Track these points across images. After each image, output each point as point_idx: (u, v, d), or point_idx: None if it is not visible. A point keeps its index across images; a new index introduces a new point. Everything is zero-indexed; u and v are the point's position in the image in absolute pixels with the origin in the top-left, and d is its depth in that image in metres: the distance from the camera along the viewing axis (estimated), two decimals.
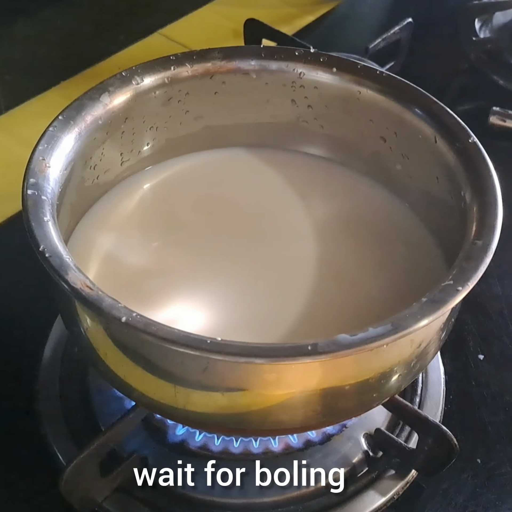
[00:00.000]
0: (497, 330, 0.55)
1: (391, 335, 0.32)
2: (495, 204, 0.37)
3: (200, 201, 0.47)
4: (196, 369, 0.34)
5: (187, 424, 0.44)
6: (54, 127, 0.40)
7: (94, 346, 0.38)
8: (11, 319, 0.54)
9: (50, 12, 0.70)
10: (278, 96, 0.47)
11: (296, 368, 0.34)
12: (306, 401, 0.36)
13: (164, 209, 0.46)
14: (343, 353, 0.31)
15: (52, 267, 0.33)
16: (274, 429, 0.39)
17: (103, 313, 0.32)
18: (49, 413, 0.48)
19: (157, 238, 0.45)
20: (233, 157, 0.49)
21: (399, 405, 0.44)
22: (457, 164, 0.40)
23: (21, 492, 0.45)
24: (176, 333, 0.32)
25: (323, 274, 0.43)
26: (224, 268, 0.43)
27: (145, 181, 0.48)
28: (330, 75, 0.45)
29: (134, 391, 0.38)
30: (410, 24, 0.72)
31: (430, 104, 0.43)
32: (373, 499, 0.45)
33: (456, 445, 0.42)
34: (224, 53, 0.45)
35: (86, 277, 0.33)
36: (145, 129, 0.46)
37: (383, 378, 0.37)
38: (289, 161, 0.49)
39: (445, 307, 0.33)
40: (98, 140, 0.43)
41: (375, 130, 0.46)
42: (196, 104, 0.47)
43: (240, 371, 0.34)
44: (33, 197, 0.36)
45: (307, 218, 0.46)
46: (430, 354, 0.40)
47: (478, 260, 0.35)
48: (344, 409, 0.38)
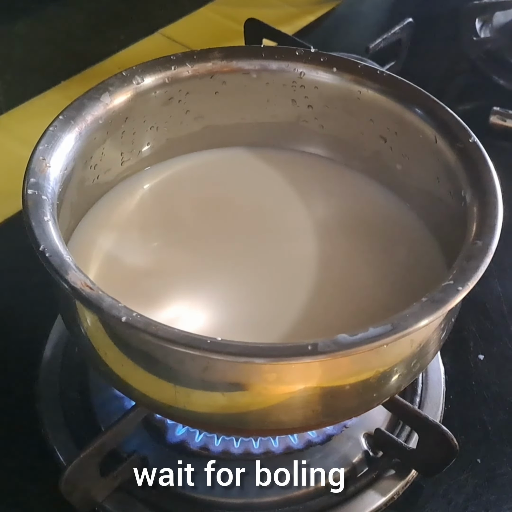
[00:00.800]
0: (497, 330, 0.55)
1: (391, 335, 0.32)
2: (495, 204, 0.37)
3: (201, 201, 0.47)
4: (196, 369, 0.34)
5: (187, 424, 0.44)
6: (55, 127, 0.40)
7: (94, 346, 0.38)
8: (11, 319, 0.54)
9: (50, 12, 0.70)
10: (279, 96, 0.47)
11: (296, 368, 0.34)
12: (306, 401, 0.36)
13: (165, 209, 0.46)
14: (343, 353, 0.31)
15: (52, 267, 0.33)
16: (274, 429, 0.39)
17: (103, 313, 0.32)
18: (50, 414, 0.48)
19: (157, 238, 0.45)
20: (234, 156, 0.49)
21: (399, 405, 0.44)
22: (457, 164, 0.40)
23: (21, 492, 0.45)
24: (176, 332, 0.31)
25: (323, 273, 0.43)
26: (224, 267, 0.43)
27: (145, 181, 0.48)
28: (330, 74, 0.45)
29: (134, 391, 0.38)
30: (411, 24, 0.72)
31: (431, 103, 0.43)
32: (373, 499, 0.45)
33: (456, 445, 0.42)
34: (224, 53, 0.45)
35: (86, 276, 0.33)
36: (146, 129, 0.46)
37: (383, 378, 0.37)
38: (290, 160, 0.49)
39: (445, 307, 0.33)
40: (99, 140, 0.43)
41: (375, 130, 0.46)
42: (196, 104, 0.47)
43: (240, 371, 0.34)
44: (33, 196, 0.36)
45: (307, 217, 0.46)
46: (430, 354, 0.40)
47: (478, 260, 0.35)
48: (344, 409, 0.38)
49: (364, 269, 0.43)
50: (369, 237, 0.45)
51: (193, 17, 0.83)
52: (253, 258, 0.44)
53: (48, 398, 0.48)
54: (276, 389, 0.35)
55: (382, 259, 0.44)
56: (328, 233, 0.45)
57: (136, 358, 0.36)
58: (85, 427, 0.47)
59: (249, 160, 0.49)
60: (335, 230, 0.45)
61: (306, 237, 0.45)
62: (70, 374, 0.49)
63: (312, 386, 0.35)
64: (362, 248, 0.44)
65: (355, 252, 0.44)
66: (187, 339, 0.31)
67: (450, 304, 0.33)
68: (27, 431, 0.47)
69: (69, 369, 0.50)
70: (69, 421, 0.47)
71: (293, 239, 0.45)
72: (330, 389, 0.36)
